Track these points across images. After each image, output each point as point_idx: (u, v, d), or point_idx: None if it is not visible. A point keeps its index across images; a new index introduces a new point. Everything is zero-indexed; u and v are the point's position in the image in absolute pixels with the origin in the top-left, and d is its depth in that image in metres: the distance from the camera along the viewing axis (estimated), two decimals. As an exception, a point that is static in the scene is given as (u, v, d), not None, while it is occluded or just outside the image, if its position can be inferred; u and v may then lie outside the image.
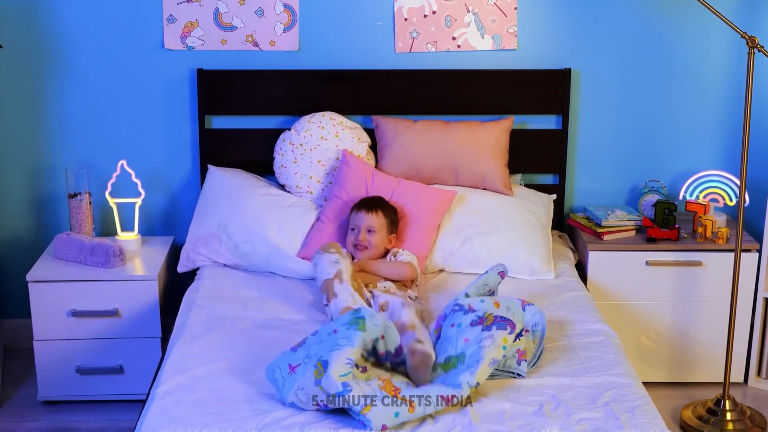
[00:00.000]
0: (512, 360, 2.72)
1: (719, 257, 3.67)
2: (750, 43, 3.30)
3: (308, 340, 2.66)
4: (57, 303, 3.50)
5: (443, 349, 2.71)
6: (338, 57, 3.84)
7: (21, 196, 3.97)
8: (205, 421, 2.50)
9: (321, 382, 2.49)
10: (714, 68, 3.89)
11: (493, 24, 3.81)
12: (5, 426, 3.46)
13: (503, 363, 2.72)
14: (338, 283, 3.05)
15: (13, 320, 4.05)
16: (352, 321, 2.61)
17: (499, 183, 3.73)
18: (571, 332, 3.03)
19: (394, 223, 3.44)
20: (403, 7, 3.80)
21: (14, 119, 3.89)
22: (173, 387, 2.68)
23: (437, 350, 2.75)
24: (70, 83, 3.85)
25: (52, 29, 3.79)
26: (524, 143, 3.87)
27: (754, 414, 3.58)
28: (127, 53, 3.80)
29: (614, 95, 3.91)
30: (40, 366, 3.56)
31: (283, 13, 3.80)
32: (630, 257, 3.67)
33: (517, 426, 2.48)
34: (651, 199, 3.83)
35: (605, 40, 3.85)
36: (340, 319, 2.66)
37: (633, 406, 2.58)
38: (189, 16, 3.78)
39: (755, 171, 3.94)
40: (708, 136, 3.96)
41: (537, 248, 3.53)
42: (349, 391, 2.47)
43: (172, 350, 2.91)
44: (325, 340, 2.60)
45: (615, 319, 3.65)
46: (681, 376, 3.81)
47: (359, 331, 2.58)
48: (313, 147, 3.71)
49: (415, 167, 3.72)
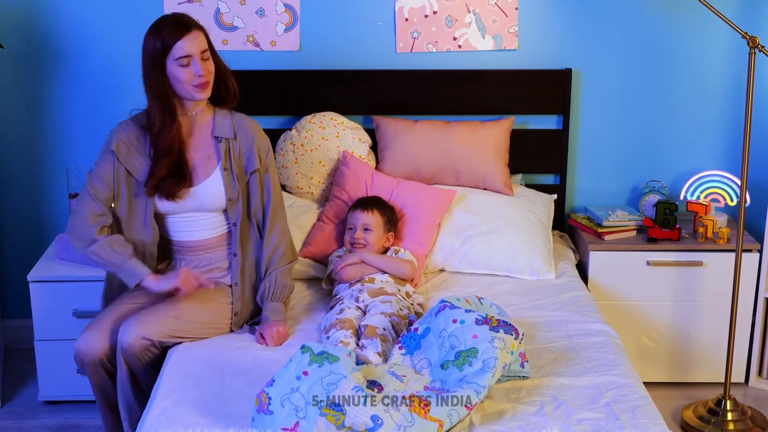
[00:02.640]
0: (515, 364, 2.72)
1: (720, 257, 3.67)
2: (750, 43, 3.30)
3: (270, 393, 2.43)
4: (58, 303, 3.50)
5: (451, 346, 2.67)
6: (339, 57, 3.85)
7: (22, 196, 3.97)
8: (205, 422, 2.50)
9: (345, 424, 2.35)
10: (715, 68, 3.89)
11: (493, 24, 3.81)
12: (6, 426, 3.47)
13: (508, 368, 2.71)
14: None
15: (14, 320, 4.05)
16: (319, 357, 2.47)
17: (499, 183, 3.73)
18: (571, 332, 3.04)
19: (391, 222, 3.45)
20: (403, 7, 3.80)
21: (15, 119, 3.89)
22: (174, 387, 2.68)
23: (431, 345, 2.73)
24: (70, 83, 3.85)
25: (52, 29, 3.79)
26: (525, 143, 3.87)
27: (755, 414, 3.58)
28: (128, 53, 3.80)
29: (615, 95, 3.91)
30: (41, 366, 3.56)
31: (283, 13, 3.80)
32: (631, 257, 3.67)
33: (518, 426, 2.48)
34: (652, 199, 3.83)
35: (606, 40, 3.85)
36: (300, 361, 2.47)
37: (634, 406, 2.58)
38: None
39: (756, 171, 3.94)
40: (709, 136, 3.96)
41: (538, 248, 3.53)
42: (381, 424, 2.35)
43: (173, 350, 2.91)
44: (304, 386, 2.42)
45: (616, 319, 3.65)
46: (682, 376, 3.81)
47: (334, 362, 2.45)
48: (314, 147, 3.71)
49: (415, 167, 3.73)
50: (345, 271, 3.29)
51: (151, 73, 2.96)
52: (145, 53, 2.97)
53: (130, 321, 2.92)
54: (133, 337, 2.87)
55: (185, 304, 2.98)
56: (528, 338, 2.98)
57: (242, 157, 3.09)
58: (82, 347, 2.96)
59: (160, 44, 2.93)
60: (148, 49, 2.96)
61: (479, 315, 2.71)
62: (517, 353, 2.70)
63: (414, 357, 2.76)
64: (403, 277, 3.30)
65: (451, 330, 2.71)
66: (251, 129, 3.12)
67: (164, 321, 2.92)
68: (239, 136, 3.09)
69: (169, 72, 2.95)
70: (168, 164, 2.99)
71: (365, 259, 3.31)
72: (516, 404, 2.60)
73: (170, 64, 2.94)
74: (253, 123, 3.14)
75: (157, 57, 2.94)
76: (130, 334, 2.88)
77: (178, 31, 2.94)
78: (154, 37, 2.94)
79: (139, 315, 2.94)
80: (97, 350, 2.95)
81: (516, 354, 2.68)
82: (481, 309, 2.84)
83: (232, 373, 2.76)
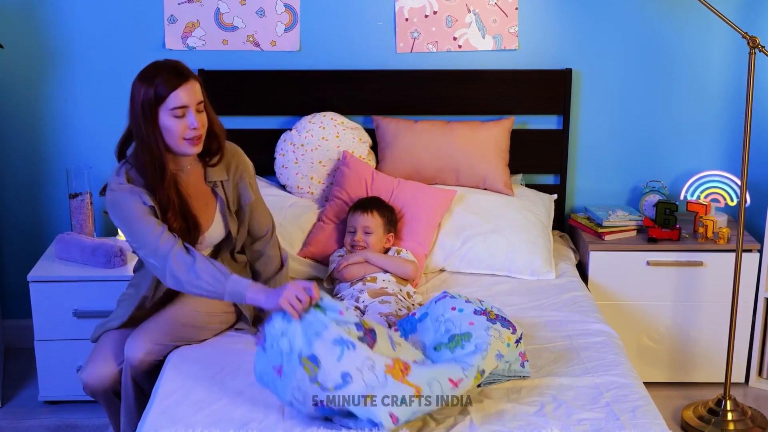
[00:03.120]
0: (516, 364, 2.72)
1: (720, 257, 3.67)
2: (751, 43, 3.30)
3: (267, 332, 2.53)
4: (58, 303, 3.50)
5: (446, 329, 2.67)
6: (339, 57, 3.85)
7: (22, 196, 3.97)
8: (206, 422, 2.50)
9: (318, 378, 2.40)
10: (715, 68, 3.89)
11: (494, 24, 3.81)
12: (6, 426, 3.47)
13: (508, 368, 2.71)
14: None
15: (15, 320, 4.05)
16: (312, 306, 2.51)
17: (499, 183, 3.73)
18: (571, 332, 3.04)
19: (391, 223, 3.45)
20: (404, 8, 3.80)
21: (15, 119, 3.89)
22: (175, 387, 2.68)
23: (427, 329, 2.73)
24: (71, 83, 3.85)
25: (53, 29, 3.79)
26: (525, 143, 3.88)
27: (755, 414, 3.58)
28: (128, 53, 3.80)
29: (615, 95, 3.91)
30: (41, 366, 3.56)
31: (284, 13, 3.80)
32: (631, 257, 3.67)
33: (518, 426, 2.48)
34: (652, 199, 3.83)
35: (606, 40, 3.85)
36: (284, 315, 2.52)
37: (634, 406, 2.58)
38: (190, 16, 3.78)
39: (756, 171, 3.94)
40: (709, 136, 3.96)
41: (538, 248, 3.53)
42: (349, 383, 2.38)
43: (174, 351, 2.91)
44: (291, 331, 2.48)
45: (616, 319, 3.65)
46: (682, 376, 3.81)
47: (320, 312, 2.48)
48: (314, 147, 3.71)
49: (416, 167, 3.73)
50: (348, 269, 3.29)
51: (142, 125, 2.73)
52: (135, 101, 2.73)
53: (136, 337, 2.87)
54: (142, 353, 2.84)
55: (185, 308, 2.96)
56: (528, 338, 2.98)
57: (235, 191, 3.00)
58: (91, 380, 2.91)
59: (153, 93, 2.70)
60: (138, 98, 2.72)
61: (479, 307, 2.72)
62: (517, 353, 2.70)
63: (409, 340, 2.76)
64: (405, 276, 3.31)
65: (449, 316, 2.71)
66: (234, 160, 2.98)
67: (170, 328, 2.90)
68: (228, 172, 2.98)
69: (162, 123, 2.74)
70: (175, 216, 2.82)
71: (369, 259, 3.31)
72: (516, 404, 2.60)
73: (163, 114, 2.73)
74: (235, 151, 3.00)
75: (149, 106, 2.71)
76: (138, 349, 2.84)
77: (174, 80, 2.73)
78: (146, 85, 2.72)
79: (141, 330, 2.90)
80: (107, 379, 2.92)
81: (513, 353, 2.68)
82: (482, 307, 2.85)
83: (232, 373, 2.76)
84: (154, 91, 2.71)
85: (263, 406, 2.57)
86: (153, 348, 2.86)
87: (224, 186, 2.97)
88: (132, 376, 2.88)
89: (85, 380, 2.92)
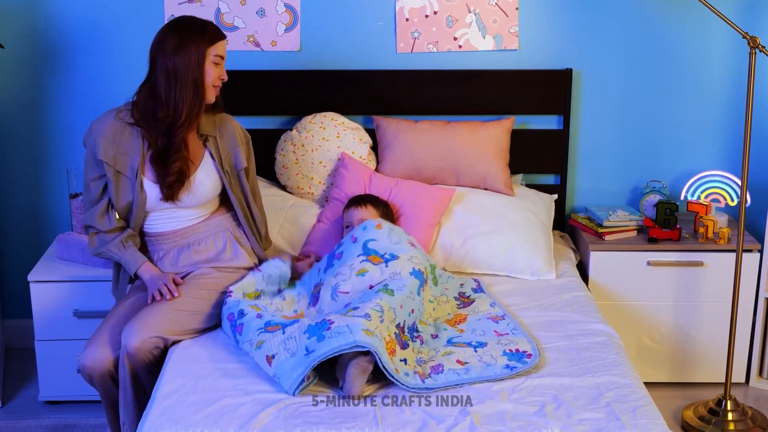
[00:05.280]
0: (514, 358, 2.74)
1: (720, 257, 3.67)
2: (751, 43, 3.30)
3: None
4: (58, 303, 3.50)
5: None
6: (339, 57, 3.85)
7: (22, 196, 3.97)
8: (206, 422, 2.50)
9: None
10: (715, 68, 3.89)
11: (494, 24, 3.81)
12: (7, 426, 3.47)
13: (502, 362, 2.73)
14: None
15: (15, 320, 4.05)
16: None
17: (500, 183, 3.73)
18: (572, 332, 3.03)
19: (386, 215, 3.44)
20: (404, 8, 3.80)
21: (15, 119, 3.89)
22: (175, 388, 2.68)
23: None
24: (71, 83, 3.85)
25: (53, 29, 3.79)
26: (525, 143, 3.88)
27: (756, 414, 3.58)
28: (129, 53, 3.80)
29: (615, 95, 3.91)
30: (41, 366, 3.56)
31: (284, 13, 3.80)
32: (631, 257, 3.67)
33: (519, 426, 2.48)
34: (652, 199, 3.83)
35: (606, 40, 3.85)
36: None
37: (634, 406, 2.58)
38: (190, 16, 3.78)
39: (756, 171, 3.94)
40: (709, 136, 3.96)
41: (538, 248, 3.53)
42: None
43: (174, 351, 2.91)
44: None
45: (616, 320, 3.65)
46: (682, 377, 3.81)
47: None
48: (315, 148, 3.71)
49: (416, 167, 3.73)
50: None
51: (188, 59, 2.93)
52: (182, 38, 2.93)
53: (132, 324, 2.90)
54: (138, 340, 2.85)
55: (182, 297, 2.98)
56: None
57: (229, 154, 3.13)
58: (88, 362, 2.93)
59: (205, 36, 2.94)
60: (189, 36, 2.93)
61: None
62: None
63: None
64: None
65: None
66: (231, 126, 3.16)
67: (167, 316, 2.92)
68: (223, 133, 3.13)
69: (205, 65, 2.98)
70: (178, 166, 2.98)
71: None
72: (516, 404, 2.60)
73: (209, 58, 2.97)
74: (232, 120, 3.19)
75: (202, 45, 2.93)
76: (135, 336, 2.86)
77: (219, 32, 3.01)
78: (197, 28, 2.95)
79: (139, 317, 2.92)
80: (103, 363, 2.92)
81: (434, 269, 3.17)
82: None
83: (232, 373, 2.76)
84: (205, 32, 2.96)
85: (264, 406, 2.57)
86: (149, 336, 2.87)
87: (217, 143, 3.11)
88: (131, 369, 2.88)
89: (83, 362, 2.94)
